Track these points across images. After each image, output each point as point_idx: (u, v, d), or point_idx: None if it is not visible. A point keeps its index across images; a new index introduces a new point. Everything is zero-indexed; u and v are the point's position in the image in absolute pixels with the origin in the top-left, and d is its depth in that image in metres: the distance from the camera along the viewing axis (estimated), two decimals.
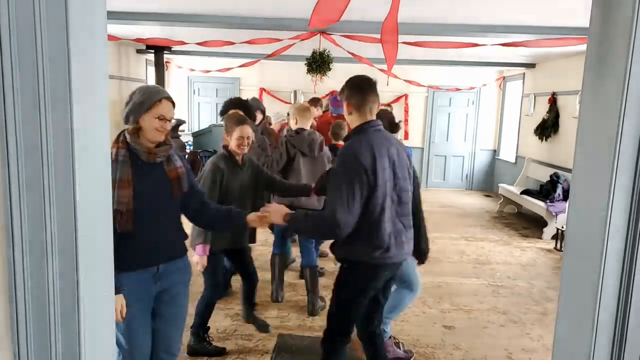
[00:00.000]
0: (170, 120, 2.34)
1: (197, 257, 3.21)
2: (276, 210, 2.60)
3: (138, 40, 7.25)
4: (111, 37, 6.57)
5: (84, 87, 1.09)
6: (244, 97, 10.70)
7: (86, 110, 1.10)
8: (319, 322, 4.17)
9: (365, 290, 2.62)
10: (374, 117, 2.62)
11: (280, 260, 4.64)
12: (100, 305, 1.19)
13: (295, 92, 10.86)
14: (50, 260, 1.07)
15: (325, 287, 4.73)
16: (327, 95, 10.84)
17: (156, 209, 2.31)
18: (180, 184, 2.38)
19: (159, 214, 2.33)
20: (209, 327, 3.64)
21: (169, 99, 2.35)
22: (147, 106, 2.27)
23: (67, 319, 1.10)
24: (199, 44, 6.92)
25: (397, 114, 10.64)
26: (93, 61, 1.13)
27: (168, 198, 2.36)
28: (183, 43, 7.02)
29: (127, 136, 2.29)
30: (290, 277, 5.24)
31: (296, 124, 4.42)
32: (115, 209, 2.12)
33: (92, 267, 1.15)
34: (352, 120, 2.63)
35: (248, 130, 3.35)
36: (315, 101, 6.75)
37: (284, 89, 10.92)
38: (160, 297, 2.41)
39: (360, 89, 2.60)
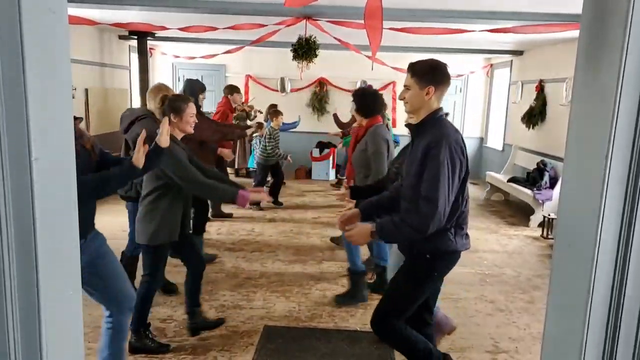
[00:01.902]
0: None
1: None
2: (360, 232, 2.56)
3: (118, 25, 7.07)
4: (89, 22, 6.39)
5: (42, 71, 1.01)
6: (229, 84, 10.55)
7: (44, 98, 1.01)
8: (305, 313, 4.12)
9: (441, 278, 2.71)
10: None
11: None
12: (65, 307, 1.12)
13: (282, 79, 10.74)
14: (6, 256, 0.99)
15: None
16: (314, 82, 10.74)
17: None
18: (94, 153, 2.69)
19: None
20: (149, 324, 3.52)
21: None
22: None
23: (27, 320, 1.02)
24: (181, 29, 6.76)
25: (386, 101, 10.57)
26: (53, 42, 1.04)
27: (88, 168, 2.60)
28: (164, 28, 6.86)
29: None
30: (275, 266, 5.18)
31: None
32: None
33: (55, 262, 1.07)
34: (425, 105, 2.54)
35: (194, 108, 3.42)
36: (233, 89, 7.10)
37: (271, 76, 10.79)
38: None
39: (446, 74, 2.60)
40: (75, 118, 2.53)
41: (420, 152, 2.43)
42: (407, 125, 2.67)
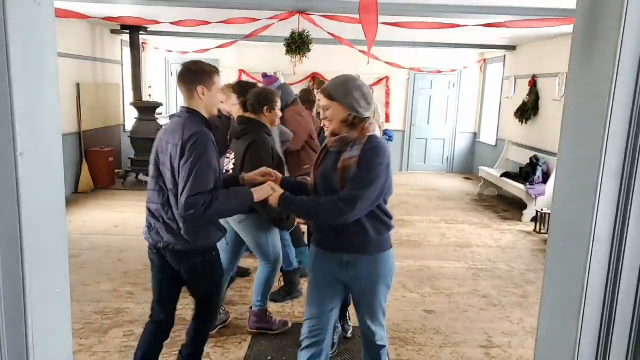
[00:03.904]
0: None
1: None
2: (266, 190, 2.42)
3: (108, 19, 7.01)
4: (80, 15, 6.32)
5: (27, 64, 0.98)
6: (222, 79, 10.43)
7: (30, 91, 0.99)
8: (299, 309, 4.11)
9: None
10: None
11: None
12: (53, 304, 1.09)
13: (275, 74, 10.68)
14: None
15: None
16: (307, 77, 10.70)
17: None
18: None
19: None
20: None
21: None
22: None
23: (13, 319, 1.00)
24: (173, 23, 6.71)
25: (379, 96, 10.57)
26: (38, 34, 1.02)
27: None
28: (156, 22, 6.80)
29: None
30: None
31: None
32: None
33: (42, 260, 1.05)
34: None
35: None
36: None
37: (264, 70, 10.71)
38: None
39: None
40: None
41: None
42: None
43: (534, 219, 6.89)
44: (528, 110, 8.42)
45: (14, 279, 0.98)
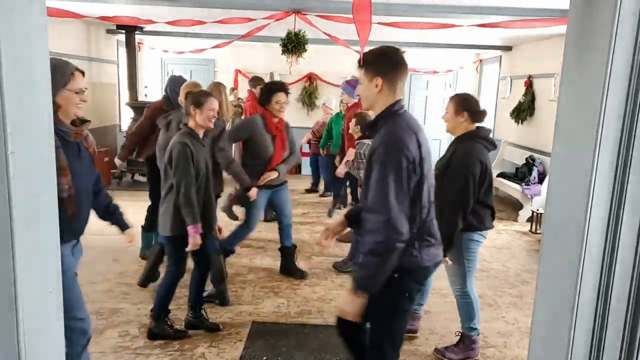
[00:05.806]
0: (84, 92, 2.35)
1: (192, 238, 3.22)
2: (349, 303, 2.15)
3: (104, 18, 6.98)
4: (75, 15, 6.29)
5: (18, 63, 0.98)
6: (218, 79, 10.47)
7: (21, 90, 0.98)
8: (294, 309, 4.11)
9: (413, 298, 2.31)
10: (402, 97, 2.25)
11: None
12: (46, 303, 1.09)
13: (271, 73, 10.68)
14: None
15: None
16: (303, 77, 10.70)
17: (87, 186, 2.48)
18: (95, 159, 2.57)
19: (89, 190, 2.50)
20: (169, 311, 3.58)
21: (79, 70, 2.35)
22: (63, 82, 2.23)
23: (4, 319, 0.99)
24: (169, 23, 6.69)
25: None
26: (30, 32, 1.01)
27: (91, 174, 2.54)
28: (152, 22, 6.79)
29: None
30: (264, 262, 5.16)
31: None
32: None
33: (34, 260, 1.04)
34: (379, 99, 2.21)
35: (216, 103, 3.40)
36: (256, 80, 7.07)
37: (260, 70, 10.72)
38: None
39: (394, 61, 2.22)
40: (84, 121, 2.40)
41: (369, 156, 2.15)
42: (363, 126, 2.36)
43: (530, 219, 6.91)
44: (524, 111, 8.43)
45: (4, 278, 0.98)
